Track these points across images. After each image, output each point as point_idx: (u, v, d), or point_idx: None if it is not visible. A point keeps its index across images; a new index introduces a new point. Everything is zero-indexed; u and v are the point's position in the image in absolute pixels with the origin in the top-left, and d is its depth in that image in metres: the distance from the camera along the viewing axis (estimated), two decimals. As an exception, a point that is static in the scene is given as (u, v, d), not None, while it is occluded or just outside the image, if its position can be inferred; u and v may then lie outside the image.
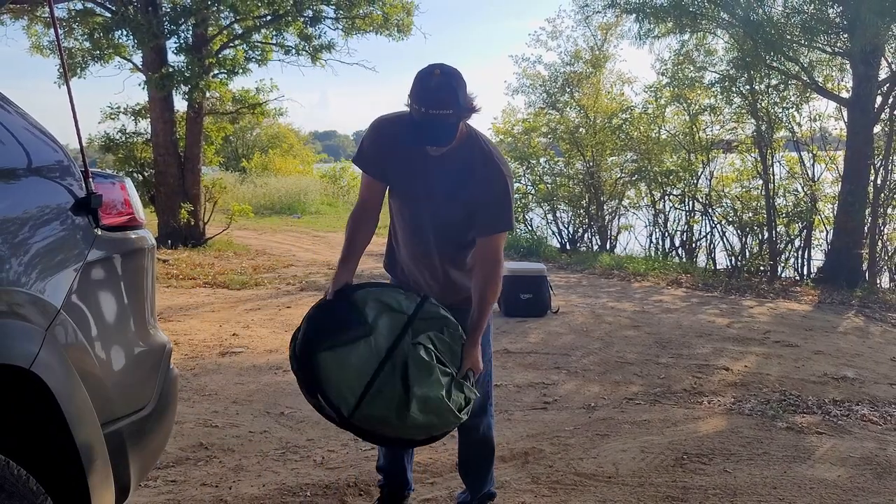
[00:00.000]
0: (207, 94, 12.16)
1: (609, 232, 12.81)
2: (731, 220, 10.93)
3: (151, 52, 11.55)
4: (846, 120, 9.45)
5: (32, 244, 1.63)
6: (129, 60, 12.07)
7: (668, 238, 12.13)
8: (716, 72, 11.03)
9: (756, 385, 4.66)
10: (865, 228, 9.32)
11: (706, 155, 11.50)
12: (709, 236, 11.51)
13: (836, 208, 9.69)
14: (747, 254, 10.64)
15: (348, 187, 22.45)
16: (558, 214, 13.17)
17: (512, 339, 5.80)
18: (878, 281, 9.47)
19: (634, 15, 9.78)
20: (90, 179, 1.84)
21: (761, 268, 10.22)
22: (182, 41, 11.84)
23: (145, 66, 11.69)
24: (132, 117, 12.52)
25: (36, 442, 1.63)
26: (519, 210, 12.58)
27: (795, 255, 10.44)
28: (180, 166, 12.01)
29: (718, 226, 11.23)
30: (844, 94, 9.59)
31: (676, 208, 12.08)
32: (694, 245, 11.78)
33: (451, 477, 3.12)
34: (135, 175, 12.15)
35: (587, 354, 5.38)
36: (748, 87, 10.06)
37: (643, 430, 3.79)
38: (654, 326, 6.35)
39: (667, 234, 12.14)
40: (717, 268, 10.76)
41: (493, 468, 2.81)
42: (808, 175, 10.32)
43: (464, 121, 2.31)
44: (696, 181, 11.52)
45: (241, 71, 12.30)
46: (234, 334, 5.76)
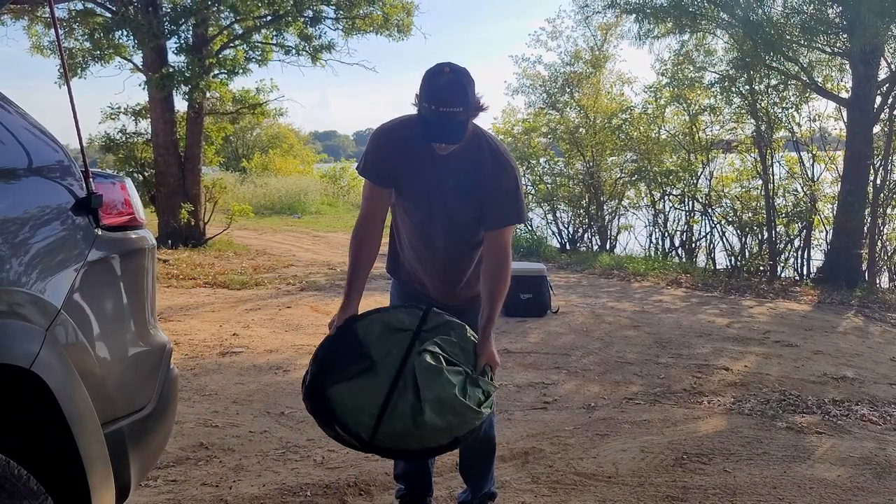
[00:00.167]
0: (208, 95, 12.18)
1: (609, 232, 12.81)
2: (730, 220, 10.93)
3: (152, 53, 11.56)
4: (846, 120, 9.45)
5: (33, 244, 1.64)
6: (130, 61, 12.09)
7: (668, 238, 12.13)
8: (715, 72, 11.04)
9: (756, 385, 4.66)
10: (865, 228, 9.32)
11: (706, 155, 11.50)
12: (708, 236, 11.52)
13: (835, 208, 9.69)
14: (747, 254, 10.64)
15: (348, 187, 22.46)
16: (558, 214, 13.18)
17: (512, 339, 5.80)
18: (878, 281, 9.47)
19: (634, 15, 9.78)
20: (90, 179, 1.84)
21: (761, 268, 10.22)
22: (182, 41, 11.86)
23: (146, 67, 11.70)
24: (132, 117, 12.55)
25: (36, 442, 1.63)
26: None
27: (795, 255, 10.44)
28: (181, 166, 12.02)
29: (718, 226, 11.23)
30: (844, 95, 9.59)
31: (676, 208, 12.08)
32: (694, 245, 11.78)
33: (452, 476, 3.12)
34: (135, 175, 12.16)
35: (587, 354, 5.39)
36: (748, 87, 10.06)
37: (643, 430, 3.79)
38: (654, 326, 6.36)
39: (666, 234, 12.14)
40: (717, 268, 10.76)
41: (494, 467, 2.81)
42: (807, 175, 10.32)
43: (472, 119, 2.33)
44: (695, 181, 11.52)
45: (241, 71, 12.32)
46: (234, 334, 5.77)
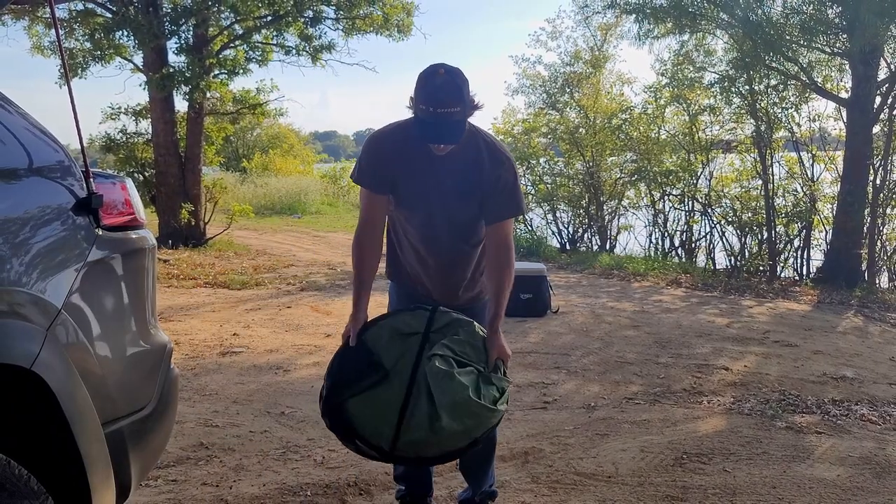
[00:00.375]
0: (208, 95, 12.18)
1: (609, 232, 12.81)
2: (730, 220, 10.93)
3: (152, 53, 11.57)
4: (845, 120, 9.45)
5: (33, 244, 1.64)
6: (130, 61, 12.10)
7: (668, 238, 12.13)
8: (715, 72, 11.04)
9: (755, 385, 4.66)
10: (864, 228, 9.31)
11: (706, 155, 11.50)
12: (708, 236, 11.52)
13: (835, 208, 9.69)
14: (747, 254, 10.64)
15: (348, 187, 22.44)
16: (558, 214, 13.17)
17: (512, 338, 5.80)
18: (877, 281, 9.46)
19: (634, 15, 9.77)
20: (91, 179, 1.84)
21: (761, 268, 10.22)
22: (183, 42, 11.87)
23: (146, 67, 11.71)
24: (133, 117, 12.55)
25: (37, 441, 1.64)
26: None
27: (795, 255, 10.43)
28: (181, 166, 12.02)
29: (718, 226, 11.23)
30: (843, 95, 9.59)
31: (676, 208, 12.08)
32: (693, 245, 11.78)
33: (452, 476, 3.12)
34: (135, 175, 12.16)
35: (587, 354, 5.39)
36: (747, 87, 10.06)
37: (643, 430, 3.80)
38: (654, 326, 6.36)
39: (666, 234, 12.14)
40: (717, 268, 10.76)
41: (494, 465, 2.82)
42: (807, 175, 10.32)
43: (468, 118, 2.34)
44: (695, 181, 11.52)
45: (241, 71, 12.32)
46: (234, 334, 5.77)
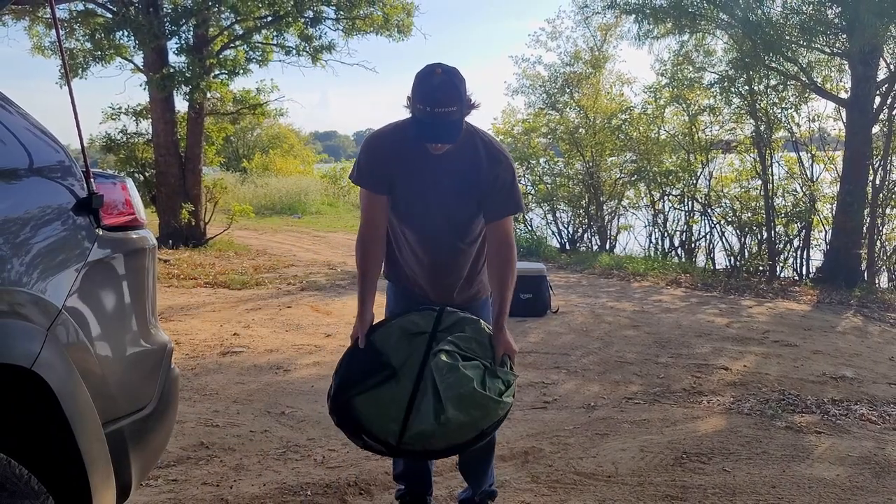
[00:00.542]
0: (208, 95, 12.19)
1: (608, 232, 12.81)
2: (730, 220, 10.93)
3: (152, 53, 11.57)
4: (845, 120, 9.45)
5: (34, 244, 1.64)
6: (131, 61, 12.11)
7: (668, 238, 12.13)
8: (715, 72, 11.04)
9: (755, 384, 4.66)
10: (864, 228, 9.31)
11: (705, 155, 11.50)
12: (708, 236, 11.51)
13: (834, 208, 9.68)
14: (746, 254, 10.64)
15: (348, 188, 22.43)
16: (558, 214, 13.17)
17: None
18: (877, 281, 9.46)
19: (634, 16, 9.77)
20: (91, 180, 1.85)
21: (760, 268, 10.22)
22: (183, 42, 11.88)
23: (146, 67, 11.71)
24: (133, 118, 12.55)
25: (37, 441, 1.64)
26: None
27: (794, 255, 10.43)
28: (181, 167, 12.03)
29: (717, 226, 11.23)
30: (843, 95, 9.59)
31: (676, 208, 12.08)
32: (693, 245, 11.78)
33: (452, 476, 3.13)
34: (136, 175, 12.17)
35: (587, 354, 5.39)
36: (747, 87, 10.06)
37: (642, 430, 3.80)
38: (654, 326, 6.36)
39: (666, 234, 12.14)
40: (717, 268, 10.76)
41: (494, 464, 2.82)
42: (806, 175, 10.32)
43: (465, 117, 2.35)
44: (695, 181, 11.52)
45: (241, 71, 12.33)
46: (234, 334, 5.78)
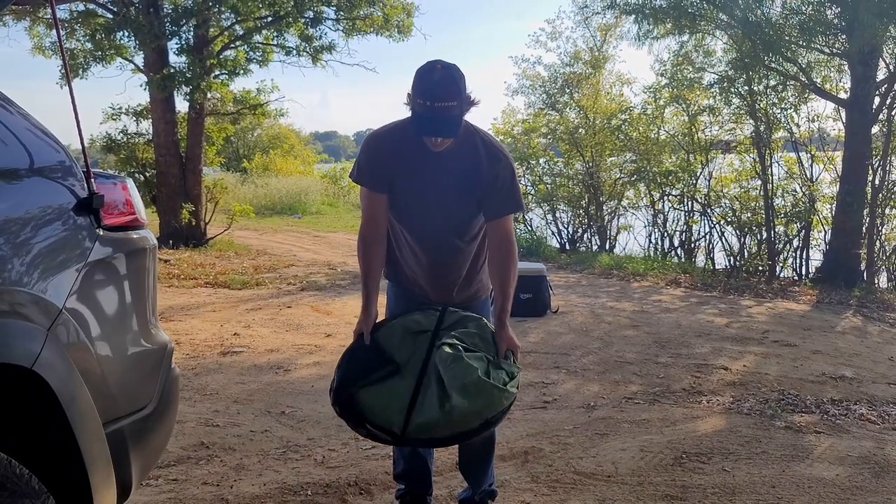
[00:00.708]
0: (209, 95, 12.19)
1: (608, 232, 12.81)
2: (729, 220, 10.93)
3: (153, 53, 11.58)
4: (844, 121, 9.46)
5: (34, 244, 1.64)
6: (131, 61, 12.11)
7: (667, 238, 12.13)
8: (714, 73, 11.03)
9: (755, 384, 4.67)
10: (863, 229, 9.32)
11: (705, 155, 11.50)
12: (707, 236, 11.50)
13: (834, 208, 9.69)
14: (746, 254, 10.64)
15: (349, 188, 22.44)
16: (558, 214, 13.17)
17: (511, 339, 5.80)
18: (876, 281, 9.47)
19: (634, 16, 9.78)
20: (92, 180, 1.85)
21: (760, 268, 10.22)
22: (183, 42, 11.88)
23: (147, 67, 11.71)
24: (134, 118, 12.55)
25: (38, 441, 1.64)
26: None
27: (794, 255, 10.43)
28: (182, 167, 12.03)
29: (717, 226, 11.23)
30: (843, 95, 9.59)
31: (675, 208, 12.08)
32: (693, 245, 11.78)
33: (452, 476, 3.13)
34: (136, 175, 12.17)
35: (587, 354, 5.40)
36: (747, 87, 10.06)
37: (642, 430, 3.80)
38: (654, 326, 6.37)
39: (666, 234, 12.14)
40: (716, 268, 10.75)
41: (494, 463, 2.82)
42: (806, 175, 10.32)
43: (465, 113, 2.36)
44: (694, 181, 11.52)
45: (242, 72, 12.33)
46: (235, 334, 5.78)
